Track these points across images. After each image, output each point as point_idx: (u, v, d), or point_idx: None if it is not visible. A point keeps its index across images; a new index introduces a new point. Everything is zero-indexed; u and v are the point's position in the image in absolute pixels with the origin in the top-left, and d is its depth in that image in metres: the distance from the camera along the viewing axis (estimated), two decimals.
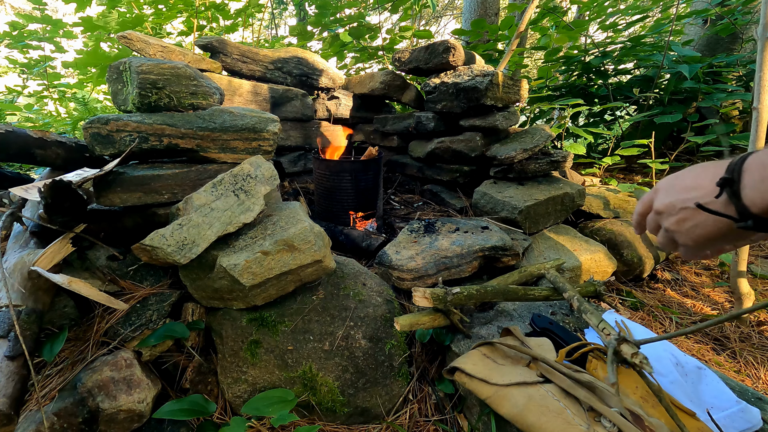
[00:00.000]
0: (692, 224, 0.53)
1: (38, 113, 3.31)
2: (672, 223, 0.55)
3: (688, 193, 0.53)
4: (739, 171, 0.46)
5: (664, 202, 0.56)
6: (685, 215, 0.53)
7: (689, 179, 0.54)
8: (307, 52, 2.10)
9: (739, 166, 0.46)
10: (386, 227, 1.58)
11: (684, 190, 0.54)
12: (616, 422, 0.62)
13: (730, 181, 0.46)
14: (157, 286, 1.02)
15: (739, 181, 0.46)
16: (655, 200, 0.58)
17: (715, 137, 2.17)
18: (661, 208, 0.56)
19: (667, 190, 0.56)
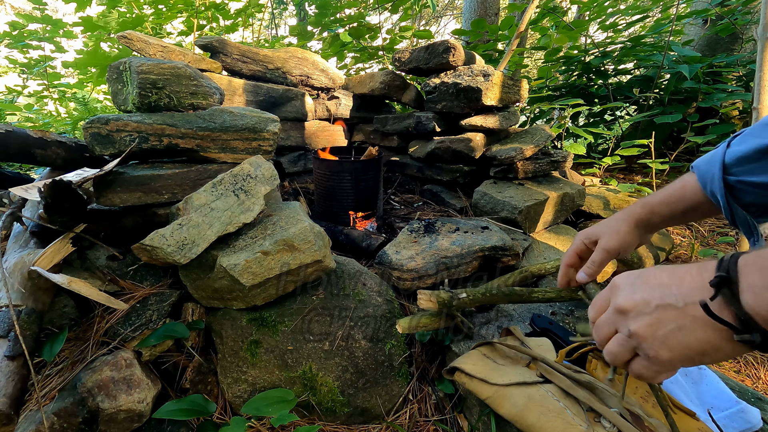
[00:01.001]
0: (672, 328, 0.40)
1: (38, 113, 3.31)
2: (642, 326, 0.42)
3: (665, 289, 0.41)
4: (734, 269, 0.37)
5: (633, 298, 0.43)
6: (664, 316, 0.40)
7: (665, 276, 0.42)
8: (307, 52, 2.10)
9: (734, 265, 0.37)
10: (386, 227, 1.58)
11: (659, 287, 0.42)
12: (615, 423, 0.62)
13: (727, 280, 0.37)
14: (157, 286, 1.02)
15: (737, 282, 0.37)
16: (617, 297, 0.45)
17: (715, 137, 2.17)
18: (627, 306, 0.43)
19: (635, 285, 0.44)
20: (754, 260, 0.37)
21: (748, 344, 0.36)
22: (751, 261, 0.37)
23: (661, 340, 0.40)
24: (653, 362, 0.42)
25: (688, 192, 0.73)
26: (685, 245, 1.75)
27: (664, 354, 0.41)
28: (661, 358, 0.41)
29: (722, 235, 1.82)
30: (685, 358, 0.40)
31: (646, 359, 0.43)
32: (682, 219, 0.77)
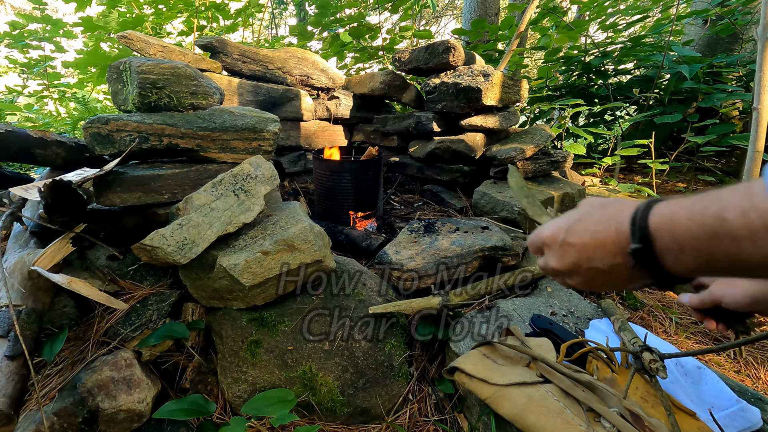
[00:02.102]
0: (600, 282, 0.48)
1: (38, 113, 3.31)
2: (578, 282, 0.49)
3: (591, 253, 0.46)
4: (648, 237, 0.40)
5: (564, 263, 0.49)
6: (592, 275, 0.47)
7: (586, 235, 0.47)
8: (307, 52, 2.10)
9: (645, 230, 0.40)
10: (386, 227, 1.58)
11: (585, 250, 0.47)
12: (615, 423, 0.62)
13: (644, 252, 0.41)
14: (157, 286, 1.02)
15: (653, 249, 0.40)
16: (549, 259, 0.52)
17: (715, 137, 2.17)
18: (562, 269, 0.50)
19: (563, 249, 0.49)
20: (666, 223, 0.39)
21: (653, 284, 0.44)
22: (663, 224, 0.39)
23: (595, 287, 0.49)
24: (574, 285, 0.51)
25: None
26: None
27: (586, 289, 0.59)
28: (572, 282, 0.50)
29: None
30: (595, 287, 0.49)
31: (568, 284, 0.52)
32: None
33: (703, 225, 0.37)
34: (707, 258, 0.38)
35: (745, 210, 0.34)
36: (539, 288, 1.15)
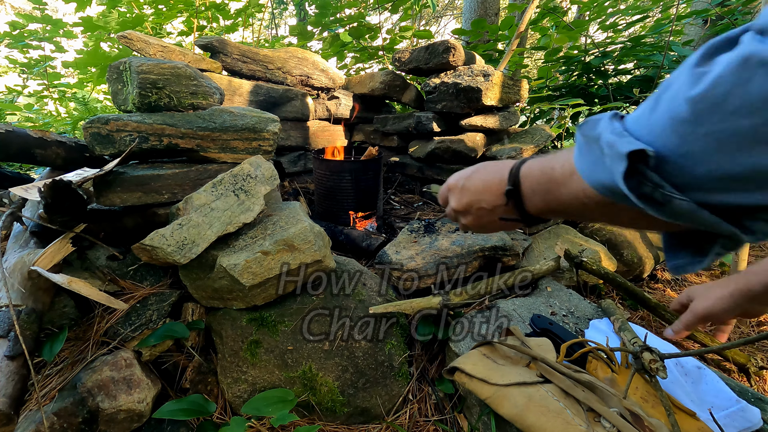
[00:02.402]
0: (485, 221, 0.64)
1: (38, 113, 3.31)
2: (468, 220, 0.67)
3: (480, 195, 0.61)
4: (518, 182, 0.54)
5: (462, 203, 0.65)
6: (480, 214, 0.63)
7: (479, 182, 0.62)
8: (307, 52, 2.10)
9: (517, 177, 0.53)
10: (386, 227, 1.58)
11: (477, 193, 0.62)
12: (615, 423, 0.62)
13: (514, 192, 0.54)
14: (157, 286, 1.02)
15: (520, 191, 0.54)
16: (452, 200, 0.68)
17: None
18: (459, 208, 0.66)
19: (462, 191, 0.65)
20: (528, 173, 0.53)
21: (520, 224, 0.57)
22: (526, 173, 0.53)
23: (478, 226, 0.66)
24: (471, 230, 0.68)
25: None
26: None
27: (478, 230, 0.68)
28: (465, 222, 0.66)
29: None
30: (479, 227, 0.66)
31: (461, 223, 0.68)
32: None
33: (544, 173, 0.50)
34: (547, 198, 0.50)
35: (563, 163, 0.47)
36: (539, 288, 1.15)
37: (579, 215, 0.51)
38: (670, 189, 0.35)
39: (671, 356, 0.71)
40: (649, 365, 0.69)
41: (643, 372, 0.72)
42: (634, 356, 0.74)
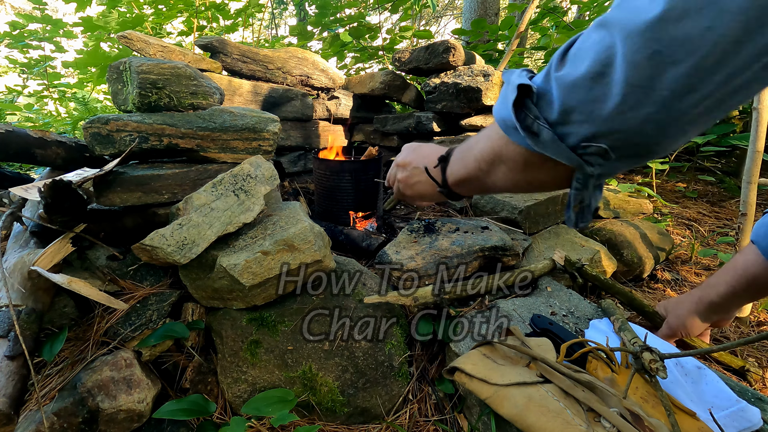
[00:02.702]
0: (416, 180, 0.77)
1: (38, 113, 3.31)
2: (403, 176, 0.80)
3: (422, 159, 0.75)
4: (450, 154, 0.69)
5: (405, 159, 0.80)
6: (414, 172, 0.77)
7: (426, 150, 0.77)
8: (307, 52, 2.10)
9: (452, 151, 0.69)
10: (386, 227, 1.58)
11: (420, 157, 0.77)
12: (615, 423, 0.62)
13: (445, 158, 0.69)
14: (157, 286, 1.02)
15: (448, 161, 0.69)
16: (398, 157, 0.82)
17: (715, 137, 2.17)
18: (401, 162, 0.80)
19: (409, 153, 0.80)
20: (459, 148, 0.68)
21: (443, 194, 0.72)
22: (457, 148, 0.68)
23: (410, 185, 0.79)
24: (406, 197, 0.84)
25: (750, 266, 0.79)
26: (685, 245, 1.75)
27: (409, 192, 0.80)
28: (407, 193, 0.81)
29: (722, 235, 1.82)
30: (417, 194, 0.80)
31: (403, 195, 0.84)
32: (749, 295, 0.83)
33: (467, 146, 0.65)
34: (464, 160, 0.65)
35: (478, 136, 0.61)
36: (539, 288, 1.15)
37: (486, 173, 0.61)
38: (542, 121, 0.45)
39: (671, 356, 0.71)
40: (649, 365, 0.69)
41: (643, 372, 0.72)
42: (634, 356, 0.74)
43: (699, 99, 0.35)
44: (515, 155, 0.53)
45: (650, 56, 0.34)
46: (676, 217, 2.01)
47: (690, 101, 0.35)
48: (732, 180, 2.34)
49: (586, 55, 0.40)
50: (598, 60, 0.38)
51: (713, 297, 0.85)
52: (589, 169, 0.45)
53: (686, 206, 2.15)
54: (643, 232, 1.58)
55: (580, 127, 0.42)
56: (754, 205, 1.32)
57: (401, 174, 0.81)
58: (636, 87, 0.36)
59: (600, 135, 0.41)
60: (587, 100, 0.40)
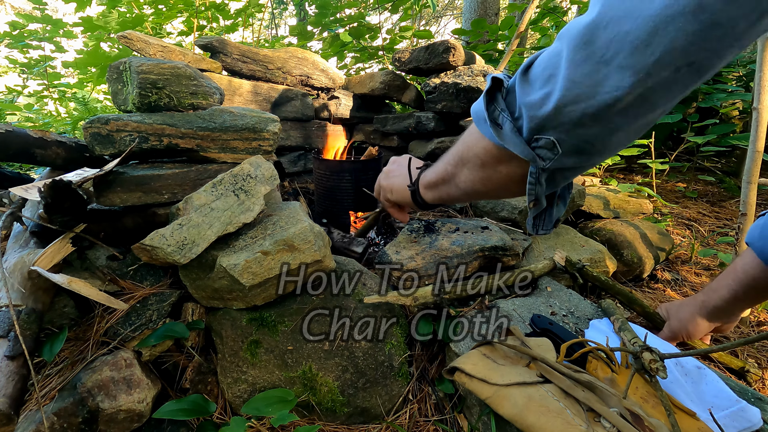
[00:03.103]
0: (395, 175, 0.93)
1: (38, 113, 3.31)
2: (387, 182, 0.96)
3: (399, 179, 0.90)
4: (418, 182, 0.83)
5: (390, 167, 0.97)
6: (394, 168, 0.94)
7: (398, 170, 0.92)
8: (307, 52, 2.10)
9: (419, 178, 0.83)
10: (386, 227, 1.58)
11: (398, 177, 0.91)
12: (615, 423, 0.62)
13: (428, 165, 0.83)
14: (157, 286, 1.02)
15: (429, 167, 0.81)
16: (381, 179, 0.99)
17: (715, 137, 2.17)
18: (386, 170, 0.98)
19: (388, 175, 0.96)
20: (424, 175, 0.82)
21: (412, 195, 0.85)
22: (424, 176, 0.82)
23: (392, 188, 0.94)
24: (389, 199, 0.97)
25: (749, 269, 0.80)
26: (685, 245, 1.75)
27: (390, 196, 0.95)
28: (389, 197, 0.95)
29: (722, 235, 1.82)
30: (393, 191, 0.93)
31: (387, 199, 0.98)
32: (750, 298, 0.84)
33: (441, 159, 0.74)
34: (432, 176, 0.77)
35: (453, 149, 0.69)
36: (539, 288, 1.15)
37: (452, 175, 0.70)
38: (507, 114, 0.52)
39: (671, 356, 0.71)
40: (649, 365, 0.69)
41: (643, 372, 0.72)
42: (634, 356, 0.74)
43: (626, 95, 0.40)
44: (478, 150, 0.60)
45: (586, 56, 0.41)
46: (676, 217, 2.01)
47: (618, 96, 0.41)
48: (732, 180, 2.34)
49: (542, 60, 0.47)
50: (550, 63, 0.45)
51: (716, 300, 0.85)
52: (540, 163, 0.50)
53: (686, 206, 2.15)
54: (643, 232, 1.58)
55: (532, 120, 0.48)
56: (754, 205, 1.32)
57: (385, 181, 0.96)
58: (575, 83, 0.42)
59: (548, 127, 0.47)
60: (540, 97, 0.46)
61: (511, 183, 0.59)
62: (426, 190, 0.79)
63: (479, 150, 0.59)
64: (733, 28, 0.35)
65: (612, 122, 0.43)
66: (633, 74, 0.39)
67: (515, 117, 0.51)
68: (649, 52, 0.37)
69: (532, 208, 0.58)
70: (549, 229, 0.62)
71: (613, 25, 0.38)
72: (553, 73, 0.45)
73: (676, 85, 0.40)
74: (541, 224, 0.62)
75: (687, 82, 0.40)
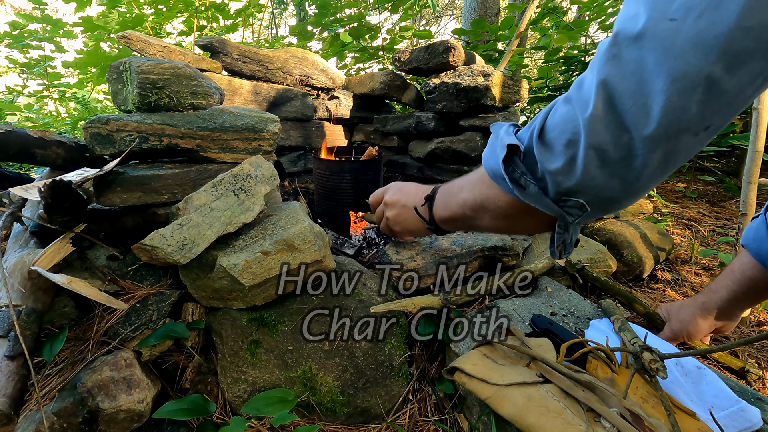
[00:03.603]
0: (404, 217, 0.89)
1: (38, 113, 3.31)
2: (392, 214, 0.91)
3: (408, 198, 0.87)
4: (435, 193, 0.80)
5: (392, 198, 0.91)
6: (402, 210, 0.88)
7: (412, 189, 0.88)
8: (307, 52, 2.10)
9: (437, 191, 0.80)
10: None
11: (406, 196, 0.88)
12: (615, 423, 0.62)
13: (430, 197, 0.80)
14: (157, 286, 1.02)
15: (434, 200, 0.80)
16: (387, 195, 0.93)
17: (715, 137, 2.17)
18: (389, 201, 0.92)
19: (395, 192, 0.92)
20: (443, 189, 0.79)
21: (431, 231, 0.85)
22: (441, 189, 0.80)
23: (398, 222, 0.91)
24: (395, 232, 0.96)
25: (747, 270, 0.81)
26: (685, 245, 1.75)
27: (398, 228, 0.93)
28: (397, 230, 0.94)
29: (722, 235, 1.82)
30: (406, 231, 0.93)
31: (392, 230, 0.96)
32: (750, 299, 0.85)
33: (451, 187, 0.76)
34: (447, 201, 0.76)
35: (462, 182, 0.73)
36: (539, 288, 1.15)
37: (471, 217, 0.71)
38: (529, 177, 0.53)
39: (671, 356, 0.71)
40: (649, 365, 0.69)
41: (643, 372, 0.72)
42: (634, 356, 0.74)
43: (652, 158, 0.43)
44: (501, 204, 0.61)
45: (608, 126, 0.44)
46: (676, 217, 2.01)
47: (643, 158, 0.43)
48: (732, 180, 2.34)
49: (557, 126, 0.49)
50: (567, 129, 0.47)
51: (716, 301, 0.86)
52: (570, 219, 0.53)
53: (686, 206, 2.15)
54: (643, 232, 1.58)
55: (559, 186, 0.50)
56: (754, 205, 1.32)
57: (390, 212, 0.92)
58: (597, 151, 0.45)
59: (576, 191, 0.49)
60: (563, 163, 0.48)
61: (537, 228, 0.63)
62: (442, 223, 0.81)
63: (502, 204, 0.61)
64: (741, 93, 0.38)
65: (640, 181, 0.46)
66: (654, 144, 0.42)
67: (538, 178, 0.52)
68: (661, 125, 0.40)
69: (557, 248, 0.60)
70: (570, 252, 0.64)
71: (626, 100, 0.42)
72: (573, 139, 0.46)
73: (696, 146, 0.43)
74: (564, 250, 0.64)
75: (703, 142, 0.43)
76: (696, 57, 0.36)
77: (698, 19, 0.35)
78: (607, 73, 0.42)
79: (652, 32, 0.38)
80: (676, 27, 0.37)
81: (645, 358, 0.70)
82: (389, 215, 0.93)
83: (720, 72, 0.36)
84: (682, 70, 0.37)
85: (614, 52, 0.41)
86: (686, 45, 0.36)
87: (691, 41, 0.36)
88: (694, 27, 0.35)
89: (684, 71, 0.37)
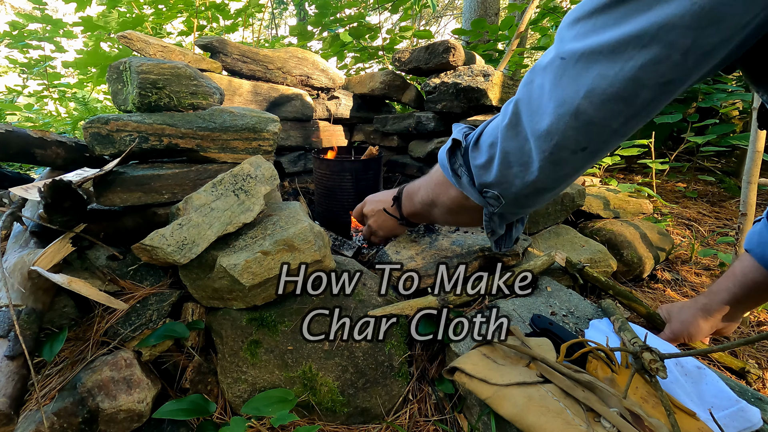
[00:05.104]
0: (382, 220, 1.01)
1: (38, 113, 3.31)
2: (372, 221, 1.05)
3: (380, 204, 1.01)
4: (401, 194, 0.95)
5: (369, 209, 1.05)
6: (378, 215, 1.02)
7: (383, 195, 1.02)
8: (307, 52, 2.10)
9: (402, 191, 0.95)
10: None
11: (378, 202, 1.02)
12: (615, 423, 0.62)
13: (397, 198, 0.96)
14: (157, 286, 1.02)
15: (400, 200, 0.95)
16: (365, 209, 1.07)
17: (715, 137, 2.17)
18: (368, 212, 1.05)
19: (370, 203, 1.05)
20: (407, 189, 0.94)
21: (404, 225, 1.00)
22: (405, 189, 0.95)
23: (379, 226, 1.04)
24: (378, 236, 1.09)
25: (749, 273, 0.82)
26: (685, 245, 1.75)
27: (381, 231, 1.06)
28: (380, 233, 1.07)
29: (722, 235, 1.82)
30: (387, 231, 1.06)
31: (375, 234, 1.08)
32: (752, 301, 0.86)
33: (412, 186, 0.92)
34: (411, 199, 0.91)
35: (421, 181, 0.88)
36: (539, 288, 1.15)
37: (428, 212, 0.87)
38: (464, 169, 0.66)
39: (671, 356, 0.71)
40: (649, 365, 0.69)
41: (643, 372, 0.72)
42: (634, 356, 0.74)
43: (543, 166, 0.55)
44: (445, 200, 0.77)
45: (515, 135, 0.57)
46: (676, 217, 2.01)
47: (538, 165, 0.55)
48: (732, 180, 2.34)
49: (488, 131, 0.63)
50: (492, 134, 0.61)
51: (717, 303, 0.86)
52: (489, 209, 0.67)
53: (686, 206, 2.15)
54: (643, 232, 1.58)
55: (481, 178, 0.64)
56: (754, 205, 1.32)
57: (370, 221, 1.05)
58: (506, 153, 0.58)
59: (492, 184, 0.63)
60: (484, 161, 0.62)
61: (473, 222, 0.77)
62: (411, 217, 0.97)
63: (447, 200, 0.76)
64: (607, 126, 0.47)
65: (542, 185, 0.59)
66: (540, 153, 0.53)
67: (470, 171, 0.66)
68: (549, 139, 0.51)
69: (489, 237, 0.75)
70: (510, 246, 0.79)
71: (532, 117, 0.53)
72: (494, 142, 0.60)
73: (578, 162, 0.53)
74: (503, 243, 0.79)
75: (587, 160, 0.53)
76: (571, 90, 0.46)
77: (577, 62, 0.45)
78: (521, 94, 0.54)
79: (550, 65, 0.48)
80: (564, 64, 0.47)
81: (645, 358, 0.70)
82: (371, 223, 1.06)
83: (585, 105, 0.45)
84: (562, 98, 0.47)
85: (530, 78, 0.53)
86: (568, 80, 0.46)
87: (571, 77, 0.46)
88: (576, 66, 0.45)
89: (563, 99, 0.47)
